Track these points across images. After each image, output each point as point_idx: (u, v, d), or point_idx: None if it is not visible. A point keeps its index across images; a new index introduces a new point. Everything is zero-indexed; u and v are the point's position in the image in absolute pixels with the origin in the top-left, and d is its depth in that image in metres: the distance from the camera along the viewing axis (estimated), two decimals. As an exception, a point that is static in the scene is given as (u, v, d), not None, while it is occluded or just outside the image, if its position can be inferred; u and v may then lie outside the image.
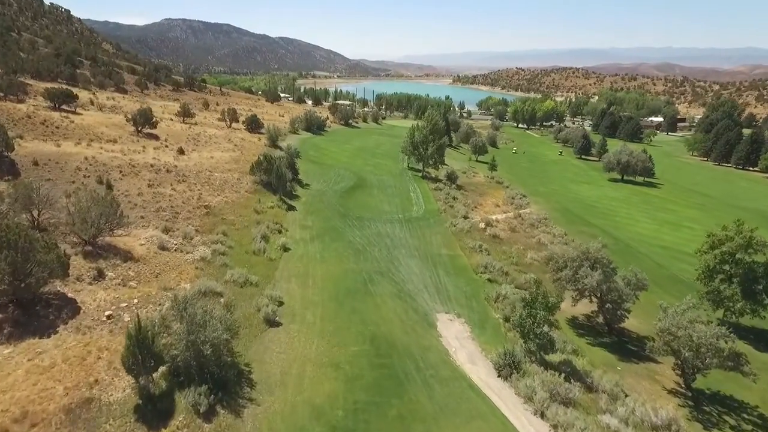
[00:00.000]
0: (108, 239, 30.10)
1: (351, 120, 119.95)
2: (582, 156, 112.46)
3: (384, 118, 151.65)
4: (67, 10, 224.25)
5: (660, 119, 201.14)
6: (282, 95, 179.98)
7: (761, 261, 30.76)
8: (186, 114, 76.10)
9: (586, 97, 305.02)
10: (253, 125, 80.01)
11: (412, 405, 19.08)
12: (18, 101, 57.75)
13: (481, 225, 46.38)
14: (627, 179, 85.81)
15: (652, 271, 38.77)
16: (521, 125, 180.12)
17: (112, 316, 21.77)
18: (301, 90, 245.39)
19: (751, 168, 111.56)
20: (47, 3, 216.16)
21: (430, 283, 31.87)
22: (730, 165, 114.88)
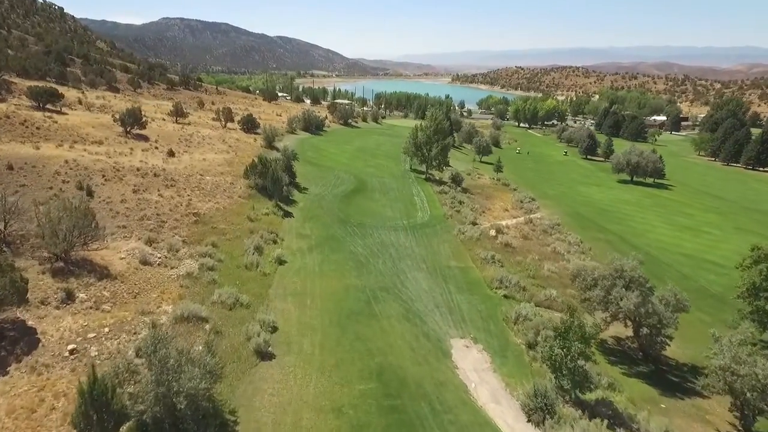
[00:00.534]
0: (83, 253, 26.98)
1: (350, 119, 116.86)
2: (587, 156, 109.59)
3: (384, 117, 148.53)
4: (61, 7, 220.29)
5: (663, 118, 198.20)
6: (280, 94, 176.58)
7: None
8: (179, 113, 72.83)
9: (586, 96, 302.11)
10: (249, 125, 76.81)
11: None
12: (-1, 100, 54.57)
13: (492, 232, 43.31)
14: (636, 180, 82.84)
15: (678, 284, 35.49)
16: (522, 124, 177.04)
17: (76, 350, 18.62)
18: (300, 89, 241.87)
19: (761, 168, 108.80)
20: (40, 0, 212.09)
21: (441, 302, 28.73)
22: (739, 165, 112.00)
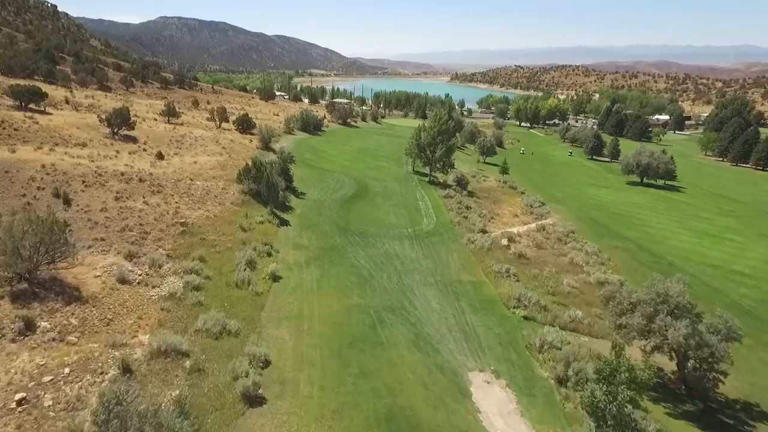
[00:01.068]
0: (53, 272, 23.92)
1: (349, 119, 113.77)
2: (593, 157, 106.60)
3: (383, 116, 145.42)
4: (54, 5, 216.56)
5: (666, 117, 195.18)
6: (278, 93, 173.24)
7: None
8: (171, 113, 69.70)
9: (587, 95, 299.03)
10: (245, 125, 73.71)
11: None
12: (-24, 99, 51.36)
13: (504, 241, 40.27)
14: (647, 182, 79.89)
15: (708, 298, 32.81)
16: (524, 124, 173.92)
17: (25, 400, 15.50)
18: (298, 88, 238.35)
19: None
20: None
21: (454, 324, 25.67)
22: (748, 165, 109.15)
